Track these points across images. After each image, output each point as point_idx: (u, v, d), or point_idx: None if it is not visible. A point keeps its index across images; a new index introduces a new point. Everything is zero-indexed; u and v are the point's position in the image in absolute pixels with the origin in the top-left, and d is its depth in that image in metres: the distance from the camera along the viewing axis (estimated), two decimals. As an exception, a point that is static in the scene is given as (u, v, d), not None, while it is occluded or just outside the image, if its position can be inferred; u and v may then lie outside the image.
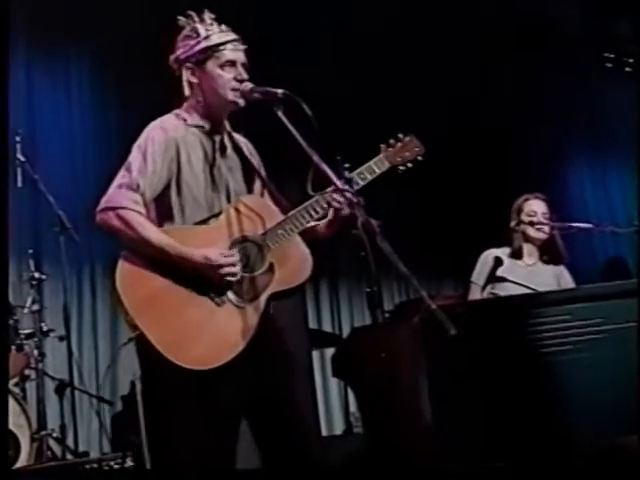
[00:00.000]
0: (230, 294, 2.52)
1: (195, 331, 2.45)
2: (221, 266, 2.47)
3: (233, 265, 2.49)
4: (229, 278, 2.49)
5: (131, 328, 2.46)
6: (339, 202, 2.59)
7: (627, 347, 3.38)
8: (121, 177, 2.55)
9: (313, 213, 2.62)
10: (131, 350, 2.69)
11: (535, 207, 4.43)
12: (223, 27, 2.68)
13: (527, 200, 4.46)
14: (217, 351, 2.44)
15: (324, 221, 2.71)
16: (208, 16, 2.68)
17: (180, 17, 2.70)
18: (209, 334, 2.46)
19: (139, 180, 2.52)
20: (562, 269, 4.46)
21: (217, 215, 2.60)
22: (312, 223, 2.67)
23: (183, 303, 2.47)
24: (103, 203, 2.53)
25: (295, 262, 2.61)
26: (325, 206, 2.63)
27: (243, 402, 2.55)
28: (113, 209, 2.50)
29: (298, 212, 2.62)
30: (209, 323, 2.47)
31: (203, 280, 2.48)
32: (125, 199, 2.50)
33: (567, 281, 4.43)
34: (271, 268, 2.56)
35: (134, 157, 2.57)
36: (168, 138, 2.60)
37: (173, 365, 2.39)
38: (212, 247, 2.50)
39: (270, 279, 2.56)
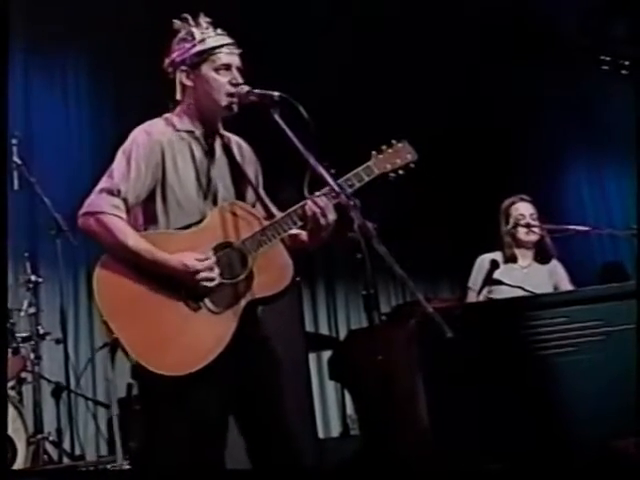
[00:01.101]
0: (207, 300, 2.50)
1: (169, 337, 2.43)
2: (197, 272, 2.45)
3: (210, 270, 2.48)
4: (206, 283, 2.47)
5: (107, 333, 2.45)
6: (314, 211, 2.55)
7: (625, 349, 3.39)
8: (103, 182, 2.54)
9: (296, 220, 2.58)
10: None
11: (522, 210, 4.43)
12: (219, 31, 2.66)
13: (513, 204, 4.46)
14: (190, 357, 2.41)
15: (306, 231, 2.66)
16: (204, 20, 2.67)
17: (176, 20, 2.70)
18: (183, 340, 2.43)
19: (120, 185, 2.52)
20: (555, 264, 4.46)
21: (201, 220, 2.58)
22: (295, 230, 2.63)
23: (158, 309, 2.45)
24: (84, 207, 2.53)
25: (276, 270, 2.58)
26: (306, 214, 2.56)
27: (227, 405, 2.53)
28: (93, 214, 2.50)
29: (280, 219, 2.60)
30: (184, 329, 2.45)
31: (179, 286, 2.46)
32: (105, 204, 2.50)
33: (561, 275, 4.44)
34: (251, 275, 2.53)
35: (118, 162, 2.57)
36: (153, 142, 2.59)
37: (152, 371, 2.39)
38: (192, 252, 2.48)
39: (249, 286, 2.53)
